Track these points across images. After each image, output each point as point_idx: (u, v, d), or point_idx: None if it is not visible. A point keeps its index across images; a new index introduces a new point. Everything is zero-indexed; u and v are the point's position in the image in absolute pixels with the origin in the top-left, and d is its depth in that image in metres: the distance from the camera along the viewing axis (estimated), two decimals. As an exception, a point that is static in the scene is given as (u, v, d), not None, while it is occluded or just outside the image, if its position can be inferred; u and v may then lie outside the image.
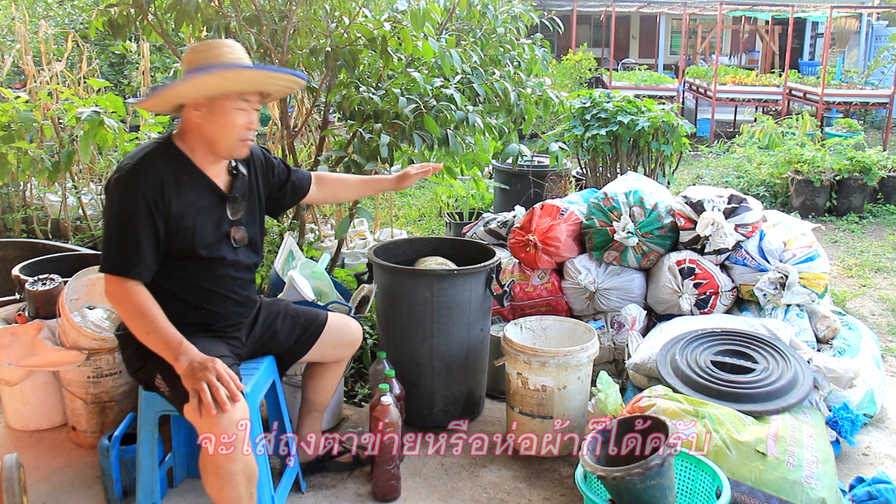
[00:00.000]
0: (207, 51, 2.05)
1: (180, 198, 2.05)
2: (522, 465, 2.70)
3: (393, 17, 2.92)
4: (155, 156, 2.06)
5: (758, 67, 17.81)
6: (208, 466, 1.93)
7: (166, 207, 2.03)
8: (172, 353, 1.96)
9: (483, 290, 2.86)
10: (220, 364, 1.94)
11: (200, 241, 2.10)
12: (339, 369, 2.57)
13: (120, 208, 2.00)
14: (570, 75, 11.49)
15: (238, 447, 1.91)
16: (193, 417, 1.91)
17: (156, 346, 1.99)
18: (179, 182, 2.07)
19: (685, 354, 2.65)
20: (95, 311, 2.74)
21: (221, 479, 1.93)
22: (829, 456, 2.29)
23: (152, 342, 1.99)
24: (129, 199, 1.99)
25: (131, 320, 2.01)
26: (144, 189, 1.99)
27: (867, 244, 6.03)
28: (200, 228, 2.09)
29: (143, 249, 2.00)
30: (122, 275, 2.00)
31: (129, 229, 1.99)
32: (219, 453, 1.90)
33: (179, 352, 1.96)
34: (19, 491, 2.14)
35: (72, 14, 6.85)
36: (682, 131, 4.67)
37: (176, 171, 2.07)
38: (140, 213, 1.99)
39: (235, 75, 2.04)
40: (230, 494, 1.95)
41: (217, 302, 2.18)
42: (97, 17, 3.16)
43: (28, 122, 3.48)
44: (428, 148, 2.93)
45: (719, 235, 3.20)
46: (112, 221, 2.01)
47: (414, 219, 6.43)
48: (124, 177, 2.01)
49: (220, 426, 1.87)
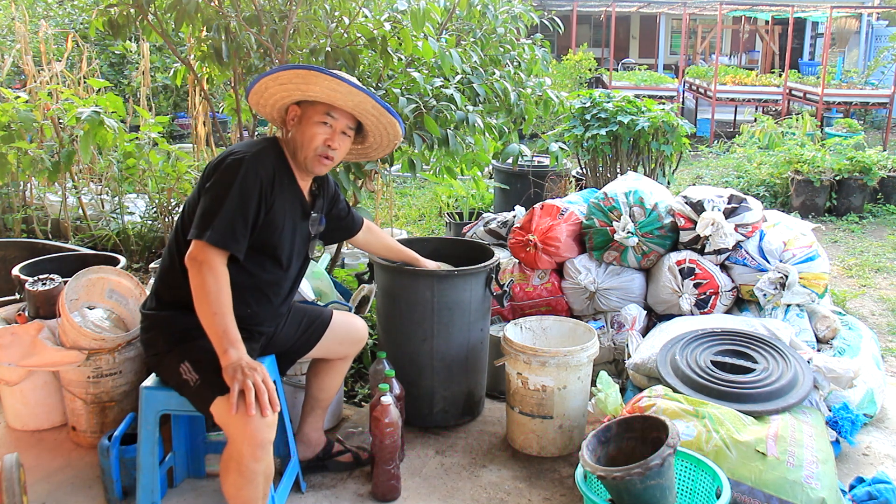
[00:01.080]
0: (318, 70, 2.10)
1: (282, 195, 2.13)
2: (522, 465, 2.70)
3: (393, 17, 2.92)
4: (271, 151, 2.14)
5: (758, 67, 17.82)
6: (232, 464, 1.94)
7: (272, 199, 2.09)
8: (227, 343, 1.94)
9: (483, 291, 2.86)
10: (265, 370, 1.95)
11: (283, 243, 2.16)
12: (344, 366, 2.58)
13: (240, 185, 2.02)
14: (570, 75, 11.50)
15: (266, 448, 1.92)
16: (223, 413, 1.91)
17: (213, 329, 1.96)
18: (283, 182, 2.14)
19: (685, 354, 2.65)
20: (95, 311, 2.74)
21: (244, 477, 1.94)
22: (829, 456, 2.29)
23: (212, 324, 1.96)
24: (249, 179, 2.03)
25: (205, 296, 1.97)
26: (263, 175, 2.05)
27: (867, 244, 6.03)
28: (286, 231, 2.16)
29: (246, 230, 2.05)
30: (225, 248, 2.00)
31: (243, 207, 2.02)
32: (246, 453, 1.90)
33: (233, 345, 1.94)
34: (19, 491, 2.14)
35: (72, 14, 6.86)
36: (682, 131, 4.67)
37: (282, 170, 2.15)
38: (254, 196, 2.04)
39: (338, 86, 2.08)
40: (250, 493, 1.96)
41: (264, 305, 2.21)
42: (97, 17, 3.16)
43: (28, 122, 3.49)
44: (428, 148, 2.93)
45: (719, 235, 3.20)
46: (230, 196, 2.02)
47: (414, 219, 6.43)
48: (249, 159, 2.05)
49: (252, 426, 1.88)
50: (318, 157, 2.16)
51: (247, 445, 1.90)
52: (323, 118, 2.14)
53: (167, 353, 2.10)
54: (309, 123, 2.14)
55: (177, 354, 2.06)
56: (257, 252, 2.12)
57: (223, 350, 1.94)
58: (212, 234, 1.99)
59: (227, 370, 1.92)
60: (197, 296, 1.99)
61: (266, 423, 1.90)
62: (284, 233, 2.16)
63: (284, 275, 2.24)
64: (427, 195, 7.15)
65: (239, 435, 1.90)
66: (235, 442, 1.92)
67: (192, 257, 2.00)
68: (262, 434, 1.89)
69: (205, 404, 1.98)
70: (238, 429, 1.89)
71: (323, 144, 2.14)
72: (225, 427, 1.94)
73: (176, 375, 2.06)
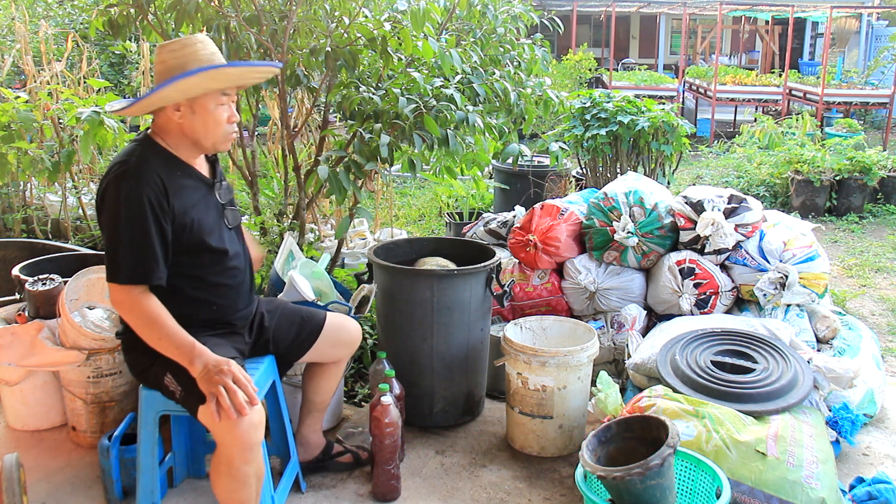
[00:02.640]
0: (181, 49, 2.03)
1: (179, 195, 2.04)
2: (522, 465, 2.70)
3: (393, 17, 2.92)
4: (148, 158, 2.04)
5: (758, 67, 17.81)
6: (223, 468, 1.94)
7: (170, 208, 2.01)
8: (186, 357, 1.95)
9: (483, 291, 2.86)
10: (236, 366, 1.94)
11: (206, 232, 2.10)
12: (339, 369, 2.57)
13: (127, 216, 1.96)
14: (570, 75, 11.49)
15: (256, 450, 1.92)
16: (209, 420, 1.91)
17: (168, 352, 1.98)
18: (175, 179, 2.05)
19: (685, 354, 2.65)
20: (95, 311, 2.74)
21: (236, 480, 1.94)
22: (829, 456, 2.29)
23: (164, 347, 1.98)
24: (133, 205, 1.95)
25: (143, 328, 1.99)
26: (147, 193, 1.96)
27: (867, 244, 6.03)
28: (201, 220, 2.09)
29: (156, 255, 1.98)
30: (139, 283, 1.97)
31: (139, 236, 1.96)
32: (236, 456, 1.90)
33: (193, 355, 1.95)
34: (19, 491, 2.14)
35: (72, 14, 6.85)
36: (682, 131, 4.67)
37: (169, 169, 2.06)
38: (148, 219, 1.96)
39: (218, 74, 2.02)
40: (243, 495, 1.96)
41: (228, 294, 2.18)
42: (97, 17, 3.16)
43: (28, 122, 3.48)
44: (428, 148, 2.93)
45: (719, 235, 3.20)
46: (120, 230, 1.97)
47: (414, 219, 6.42)
48: (125, 183, 1.97)
49: (239, 429, 1.87)
50: (227, 136, 2.12)
51: (236, 448, 1.90)
52: (220, 100, 2.07)
53: (150, 368, 2.10)
54: (205, 111, 2.05)
55: (159, 368, 2.06)
56: (188, 254, 2.08)
57: (188, 363, 1.95)
58: (123, 276, 1.97)
59: (200, 382, 1.93)
60: (137, 332, 2.01)
61: (253, 425, 1.89)
62: (201, 221, 2.10)
63: (228, 255, 2.17)
64: (427, 195, 7.15)
65: (227, 439, 1.90)
66: (224, 445, 1.92)
67: (116, 302, 2.01)
68: (249, 436, 1.89)
69: (193, 412, 1.99)
70: (225, 433, 1.89)
71: (228, 122, 2.10)
72: (213, 432, 1.94)
73: (163, 388, 2.08)
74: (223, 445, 1.93)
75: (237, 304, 2.21)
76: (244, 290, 2.24)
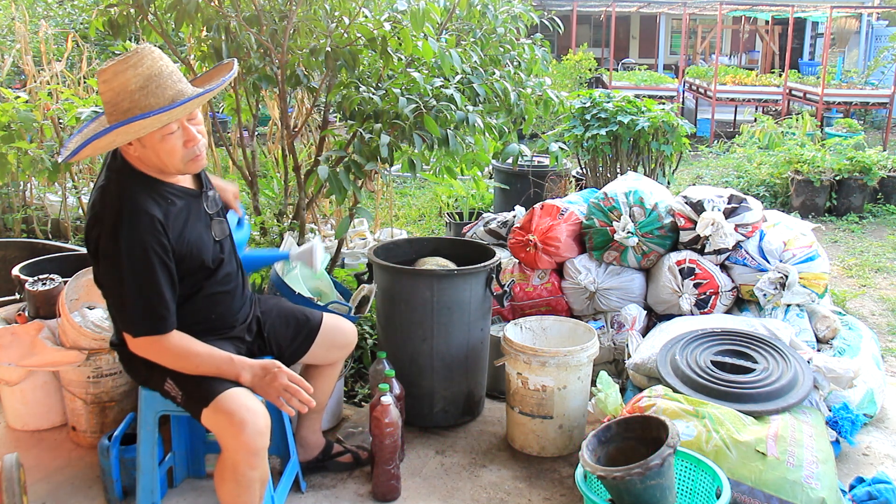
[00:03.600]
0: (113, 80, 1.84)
1: (174, 226, 1.96)
2: (522, 465, 2.70)
3: (393, 17, 2.92)
4: (135, 194, 1.92)
5: (758, 67, 17.81)
6: (228, 473, 1.93)
7: (171, 244, 1.94)
8: (232, 374, 1.98)
9: (483, 291, 2.86)
10: (281, 366, 1.98)
11: (205, 251, 2.05)
12: (335, 371, 2.56)
13: (131, 268, 1.87)
14: (570, 75, 11.49)
15: (261, 455, 1.92)
16: (214, 425, 1.92)
17: (211, 374, 1.98)
18: (166, 209, 1.96)
19: (685, 354, 2.65)
20: (95, 311, 2.74)
21: (241, 486, 1.94)
22: (829, 456, 2.29)
23: (205, 372, 1.98)
24: (137, 256, 1.87)
25: (175, 366, 1.99)
26: (150, 242, 1.88)
27: (867, 244, 6.03)
28: (197, 239, 2.03)
29: (166, 302, 1.93)
30: (158, 333, 1.94)
31: (148, 287, 1.90)
32: (241, 462, 1.90)
33: (237, 369, 1.98)
34: (19, 491, 2.14)
35: (72, 14, 6.85)
36: (682, 131, 4.67)
37: (155, 197, 1.95)
38: (154, 268, 1.89)
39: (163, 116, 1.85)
40: (246, 500, 1.97)
41: (224, 300, 2.17)
42: (97, 17, 3.16)
43: (28, 122, 3.48)
44: (428, 148, 2.93)
45: (719, 235, 3.20)
46: (125, 284, 1.88)
47: (414, 219, 6.42)
48: (124, 234, 1.87)
49: (245, 435, 1.88)
50: (191, 161, 1.97)
51: (242, 454, 1.90)
52: (165, 131, 1.89)
53: (150, 375, 2.08)
54: (154, 142, 1.90)
55: (158, 374, 2.05)
56: (191, 275, 2.03)
57: (235, 377, 1.98)
58: (136, 329, 1.93)
59: (257, 390, 1.98)
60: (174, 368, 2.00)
61: (259, 432, 1.90)
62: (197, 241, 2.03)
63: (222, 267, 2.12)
64: (427, 195, 7.15)
65: (233, 444, 1.90)
66: (230, 451, 1.92)
67: (137, 350, 1.98)
68: (256, 442, 1.89)
69: (196, 416, 1.99)
70: (232, 438, 1.89)
71: (185, 147, 1.94)
72: (219, 436, 1.94)
73: (164, 393, 2.08)
74: (228, 451, 1.92)
75: (233, 306, 2.21)
76: (238, 292, 2.23)
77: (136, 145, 1.92)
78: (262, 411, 1.94)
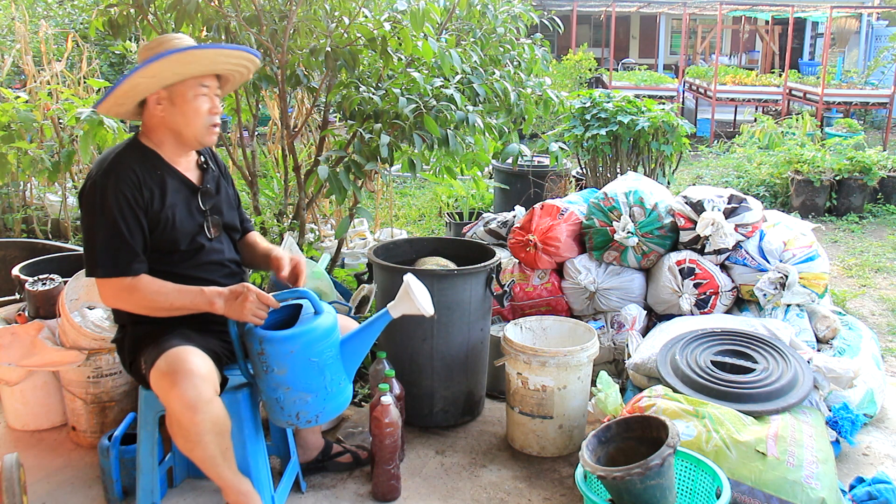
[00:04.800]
0: (158, 45, 2.05)
1: (156, 192, 2.07)
2: (522, 465, 2.70)
3: (393, 17, 2.92)
4: (126, 155, 2.07)
5: (758, 67, 17.81)
6: (174, 429, 1.94)
7: (145, 203, 2.04)
8: (206, 307, 2.03)
9: (483, 290, 2.86)
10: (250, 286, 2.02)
11: (181, 233, 2.11)
12: None
13: (102, 211, 1.99)
14: (570, 75, 11.49)
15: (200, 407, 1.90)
16: (155, 385, 1.94)
17: (183, 311, 2.04)
18: (154, 177, 2.08)
19: (685, 354, 2.65)
20: (95, 311, 2.74)
21: (190, 440, 1.93)
22: (829, 456, 2.29)
23: (177, 309, 2.04)
24: (109, 201, 1.99)
25: (148, 309, 2.04)
26: (123, 188, 2.00)
27: (867, 244, 6.03)
28: (179, 221, 2.11)
29: (132, 247, 2.02)
30: (118, 276, 2.00)
31: (116, 229, 1.99)
32: (181, 415, 1.90)
33: (208, 300, 2.03)
34: (19, 491, 2.14)
35: (72, 14, 6.85)
36: (682, 131, 4.67)
37: (148, 167, 2.08)
38: (124, 212, 2.00)
39: (186, 57, 2.02)
40: (200, 454, 1.96)
41: None
42: (97, 17, 3.16)
43: (28, 122, 3.48)
44: (428, 148, 2.93)
45: (719, 235, 3.20)
46: (97, 226, 2.01)
47: (414, 219, 6.42)
48: (100, 180, 2.01)
49: (180, 388, 1.89)
50: (210, 128, 2.12)
51: (178, 406, 1.90)
52: (198, 90, 2.07)
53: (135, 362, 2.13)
54: (184, 100, 2.07)
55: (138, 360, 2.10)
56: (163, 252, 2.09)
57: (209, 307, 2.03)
58: (102, 270, 2.01)
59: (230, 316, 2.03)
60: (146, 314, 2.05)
61: (192, 384, 1.89)
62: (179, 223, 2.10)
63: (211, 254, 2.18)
64: (427, 195, 7.15)
65: (169, 398, 1.91)
66: (169, 406, 1.93)
67: (105, 297, 2.05)
68: (188, 393, 1.89)
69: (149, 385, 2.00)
70: (166, 392, 1.91)
71: (209, 114, 2.11)
72: (159, 395, 1.96)
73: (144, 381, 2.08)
74: (168, 406, 1.93)
75: None
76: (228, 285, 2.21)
77: (165, 104, 2.06)
78: (199, 366, 1.93)
